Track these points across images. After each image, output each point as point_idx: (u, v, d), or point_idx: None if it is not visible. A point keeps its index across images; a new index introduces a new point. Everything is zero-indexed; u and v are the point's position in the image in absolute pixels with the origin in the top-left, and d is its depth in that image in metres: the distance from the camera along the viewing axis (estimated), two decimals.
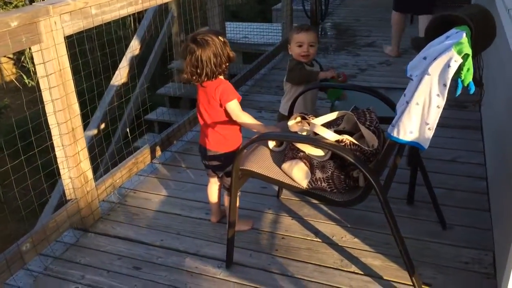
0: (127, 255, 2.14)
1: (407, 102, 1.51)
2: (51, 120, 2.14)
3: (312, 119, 1.90)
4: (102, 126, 3.99)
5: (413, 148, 1.95)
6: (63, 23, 2.08)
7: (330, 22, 6.48)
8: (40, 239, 2.08)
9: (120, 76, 3.91)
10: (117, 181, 2.56)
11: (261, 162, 1.90)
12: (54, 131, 2.15)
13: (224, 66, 1.95)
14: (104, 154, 3.58)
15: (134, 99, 4.33)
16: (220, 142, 2.05)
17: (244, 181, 1.96)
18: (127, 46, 4.21)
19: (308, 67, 2.50)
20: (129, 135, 3.14)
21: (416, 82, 1.48)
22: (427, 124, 1.49)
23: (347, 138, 1.70)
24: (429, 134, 1.51)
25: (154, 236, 2.26)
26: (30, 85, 6.70)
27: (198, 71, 1.93)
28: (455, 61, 1.38)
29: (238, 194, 1.96)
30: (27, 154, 2.32)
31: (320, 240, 2.17)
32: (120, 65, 3.99)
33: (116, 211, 2.47)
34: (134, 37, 4.36)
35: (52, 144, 2.18)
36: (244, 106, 2.09)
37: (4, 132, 4.74)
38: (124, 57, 4.16)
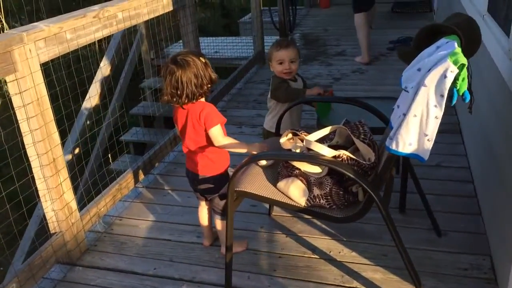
0: (119, 287, 2.04)
1: (404, 114, 1.50)
2: (31, 152, 2.03)
3: (304, 135, 1.87)
4: (76, 150, 3.87)
5: (403, 156, 1.95)
6: (38, 50, 1.99)
7: (299, 33, 6.53)
8: (26, 278, 1.96)
9: (91, 99, 3.81)
10: (102, 209, 2.46)
11: (256, 182, 1.86)
12: (34, 163, 2.05)
13: (205, 87, 1.90)
14: (79, 180, 3.46)
15: (107, 120, 4.22)
16: (209, 166, 1.99)
17: (240, 202, 1.91)
18: (95, 68, 4.11)
19: (292, 83, 2.48)
20: (108, 157, 3.03)
21: (412, 93, 1.47)
22: (426, 135, 1.49)
23: (344, 153, 1.68)
24: (429, 145, 1.50)
25: (146, 264, 2.17)
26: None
27: (179, 92, 1.87)
28: (451, 71, 1.38)
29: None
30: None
31: (318, 257, 2.14)
32: (91, 88, 3.89)
33: (103, 241, 2.37)
34: (103, 59, 4.27)
35: (23, 171, 2.07)
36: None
37: None
38: (94, 79, 4.06)
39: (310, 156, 1.69)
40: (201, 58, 1.91)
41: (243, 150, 1.95)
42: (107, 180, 2.65)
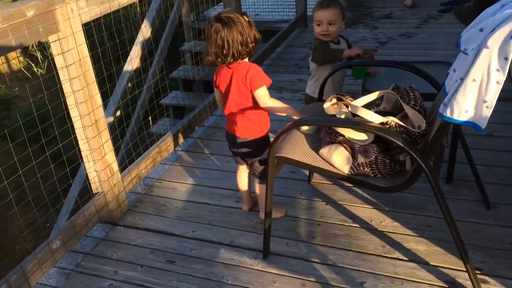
0: (159, 248, 2.07)
1: (462, 79, 1.39)
2: (74, 113, 2.05)
3: (350, 100, 1.79)
4: (118, 113, 3.91)
5: (455, 124, 1.83)
6: (79, 10, 1.97)
7: None
8: (70, 235, 2.01)
9: (132, 61, 3.80)
10: (142, 171, 2.48)
11: (297, 148, 1.80)
12: (77, 124, 2.07)
13: (250, 46, 1.85)
14: (120, 142, 3.50)
15: (147, 83, 4.23)
16: (250, 128, 1.95)
17: (280, 168, 1.87)
18: (136, 31, 4.09)
19: (333, 45, 2.37)
20: (148, 120, 3.04)
21: (472, 56, 1.36)
22: (485, 102, 1.38)
23: (392, 120, 1.59)
24: (487, 112, 1.39)
25: (185, 227, 2.19)
26: (39, 73, 6.61)
27: (224, 51, 1.82)
28: None
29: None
30: (40, 143, 2.22)
31: (358, 226, 2.09)
32: (132, 50, 3.88)
33: (144, 203, 2.40)
34: (144, 20, 4.24)
35: (66, 133, 2.10)
36: None
37: (17, 122, 4.65)
38: (135, 41, 4.04)
39: (355, 122, 1.61)
40: (244, 16, 1.85)
41: (288, 113, 1.90)
42: (148, 143, 2.66)
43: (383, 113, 1.71)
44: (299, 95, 3.48)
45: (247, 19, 1.85)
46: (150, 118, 3.14)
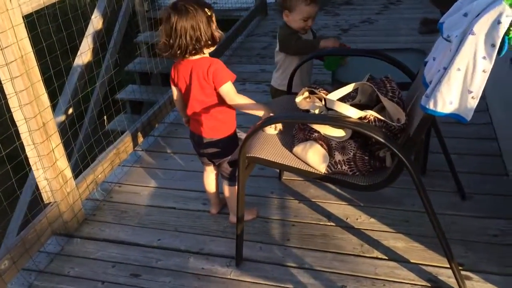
0: (121, 260, 1.90)
1: (445, 68, 1.30)
2: (18, 116, 1.83)
3: (323, 93, 1.67)
4: (69, 112, 3.65)
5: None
6: (19, 0, 1.74)
7: None
8: (20, 253, 1.80)
9: (83, 55, 3.54)
10: (99, 176, 2.28)
11: (269, 147, 1.67)
12: (23, 128, 1.85)
13: (203, 43, 1.65)
14: (73, 145, 3.26)
15: (101, 78, 3.97)
16: (216, 127, 1.80)
17: (251, 169, 1.73)
18: (86, 23, 3.81)
19: (302, 36, 2.24)
20: (104, 120, 2.82)
21: (457, 43, 1.26)
22: (470, 92, 1.29)
23: (371, 114, 1.48)
24: (473, 103, 1.30)
25: (149, 235, 2.02)
26: None
27: (171, 41, 1.65)
28: (506, 16, 1.16)
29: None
30: None
31: (334, 224, 1.98)
32: (82, 43, 3.61)
33: (102, 210, 2.20)
34: (95, 10, 3.96)
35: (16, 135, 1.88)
36: None
37: None
38: (86, 33, 3.78)
39: (333, 118, 1.49)
40: (206, 10, 1.66)
41: (258, 110, 1.74)
42: (104, 145, 2.46)
43: (359, 106, 1.61)
44: (263, 86, 3.35)
45: (208, 14, 1.67)
46: (105, 117, 2.91)
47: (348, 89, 1.64)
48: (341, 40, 3.99)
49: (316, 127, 1.57)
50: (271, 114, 1.68)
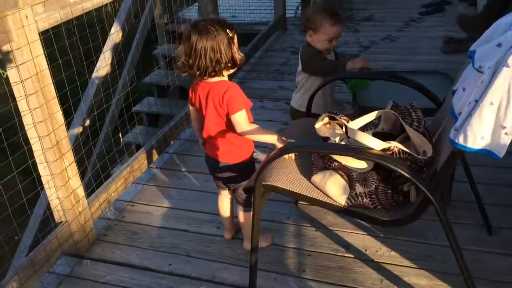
0: (131, 286, 1.84)
1: (476, 101, 1.22)
2: (31, 134, 1.80)
3: (344, 119, 1.60)
4: (87, 122, 3.64)
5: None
6: (36, 16, 1.72)
7: None
8: (29, 275, 1.76)
9: (99, 71, 3.54)
10: (112, 194, 2.24)
11: (286, 174, 1.60)
12: (36, 146, 1.82)
13: (223, 65, 1.60)
14: (87, 163, 3.24)
15: (117, 96, 3.95)
16: (232, 152, 1.74)
17: (267, 197, 1.66)
18: (105, 37, 3.80)
19: (325, 56, 2.18)
20: (119, 137, 2.78)
21: (489, 75, 1.18)
22: (504, 127, 1.20)
23: (395, 146, 1.40)
24: (506, 140, 1.22)
25: (160, 260, 1.96)
26: (4, 75, 6.23)
27: (190, 61, 1.60)
28: None
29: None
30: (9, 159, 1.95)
31: (352, 256, 1.90)
32: (100, 59, 3.61)
33: (114, 230, 2.16)
34: (114, 24, 3.97)
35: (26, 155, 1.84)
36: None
37: None
38: (104, 48, 3.78)
39: (355, 150, 1.41)
40: (228, 31, 1.60)
41: (270, 141, 1.67)
42: (118, 161, 2.41)
43: (382, 135, 1.54)
44: (281, 104, 3.28)
45: (230, 35, 1.60)
46: (120, 134, 2.87)
47: (370, 117, 1.57)
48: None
49: (336, 156, 1.50)
50: (283, 141, 1.61)
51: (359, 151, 1.39)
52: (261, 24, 4.96)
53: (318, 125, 1.62)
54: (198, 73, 1.61)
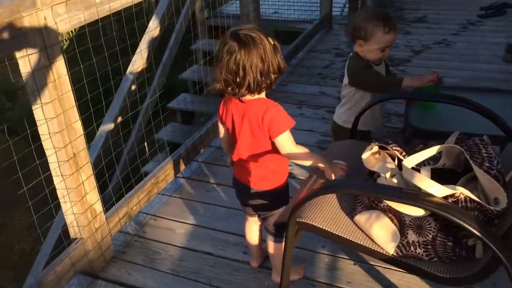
0: None
1: None
2: (47, 145, 1.65)
3: (396, 150, 1.36)
4: (119, 119, 3.52)
5: None
6: (56, 17, 1.56)
7: None
8: None
9: (137, 63, 3.39)
10: (134, 208, 2.08)
11: (324, 211, 1.38)
12: (51, 158, 1.67)
13: (272, 77, 1.40)
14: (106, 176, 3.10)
15: (154, 87, 3.81)
16: (266, 177, 1.53)
17: (300, 235, 1.45)
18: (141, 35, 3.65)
19: (376, 67, 1.93)
20: (145, 145, 2.61)
21: None
22: None
23: (461, 192, 1.15)
24: None
25: (180, 287, 1.78)
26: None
27: (238, 79, 1.37)
28: None
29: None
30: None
31: None
32: (133, 60, 3.46)
33: (133, 248, 2.00)
34: (153, 17, 3.82)
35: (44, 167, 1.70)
36: (281, 100, 1.58)
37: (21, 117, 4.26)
38: (142, 41, 3.63)
39: (412, 196, 1.17)
40: (269, 38, 1.40)
41: (315, 163, 1.47)
42: (150, 160, 2.23)
43: (442, 172, 1.29)
44: (322, 112, 3.04)
45: (272, 42, 1.40)
46: (154, 131, 2.68)
47: (431, 152, 1.32)
48: (411, 62, 3.61)
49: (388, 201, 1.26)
50: (331, 169, 1.39)
51: (416, 198, 1.14)
52: (305, 22, 4.70)
53: (365, 155, 1.38)
54: (247, 91, 1.39)
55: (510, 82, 3.21)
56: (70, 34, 5.98)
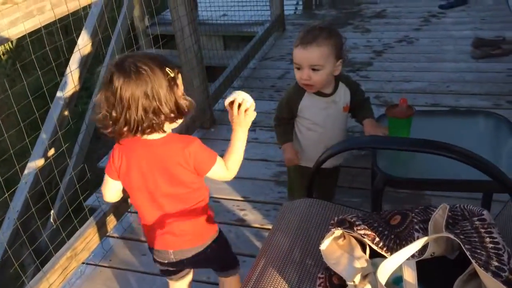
0: None
1: None
2: None
3: (368, 237, 0.97)
4: (51, 151, 3.03)
5: None
6: None
7: None
8: None
9: (66, 87, 2.92)
10: None
11: None
12: None
13: (163, 117, 1.11)
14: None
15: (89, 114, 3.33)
16: (204, 226, 1.28)
17: None
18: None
19: (320, 100, 1.57)
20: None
21: None
22: None
23: None
24: None
25: None
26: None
27: (114, 114, 1.09)
28: None
29: None
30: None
31: None
32: (67, 70, 2.98)
33: None
34: (82, 31, 3.33)
35: None
36: (228, 123, 1.28)
37: None
38: (71, 59, 3.15)
39: None
40: (167, 69, 1.10)
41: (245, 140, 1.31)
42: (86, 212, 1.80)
43: (430, 263, 0.92)
44: None
45: (171, 75, 1.10)
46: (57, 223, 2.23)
47: (415, 247, 0.93)
48: (372, 65, 3.26)
49: None
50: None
51: None
52: (256, 25, 4.29)
53: (324, 245, 0.99)
54: (126, 129, 1.11)
55: (483, 83, 2.90)
56: None
